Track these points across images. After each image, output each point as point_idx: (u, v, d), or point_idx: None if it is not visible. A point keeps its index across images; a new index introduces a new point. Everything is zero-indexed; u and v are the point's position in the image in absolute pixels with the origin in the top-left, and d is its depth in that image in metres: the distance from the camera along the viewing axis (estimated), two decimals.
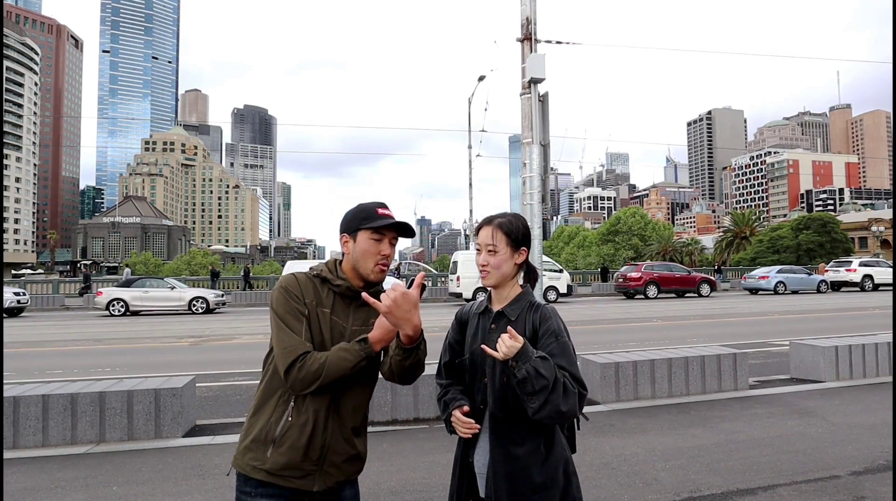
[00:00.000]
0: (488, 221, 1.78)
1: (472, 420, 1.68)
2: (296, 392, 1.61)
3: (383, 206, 1.77)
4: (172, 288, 19.89)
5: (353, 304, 1.74)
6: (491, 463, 1.64)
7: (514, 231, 1.75)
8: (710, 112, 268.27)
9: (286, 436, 1.61)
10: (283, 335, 1.60)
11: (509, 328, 1.55)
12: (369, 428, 4.99)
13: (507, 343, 1.52)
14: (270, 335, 1.68)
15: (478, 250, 1.79)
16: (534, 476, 1.59)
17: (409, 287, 1.57)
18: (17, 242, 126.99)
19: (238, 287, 29.20)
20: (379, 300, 1.55)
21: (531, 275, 1.84)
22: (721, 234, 65.51)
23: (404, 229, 1.75)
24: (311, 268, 1.77)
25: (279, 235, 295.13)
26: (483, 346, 1.62)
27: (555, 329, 1.65)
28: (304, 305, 1.65)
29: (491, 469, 1.64)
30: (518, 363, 1.51)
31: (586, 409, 5.31)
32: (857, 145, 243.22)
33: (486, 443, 1.68)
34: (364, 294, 1.62)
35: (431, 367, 5.76)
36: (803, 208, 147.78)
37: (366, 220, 1.72)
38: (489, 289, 1.81)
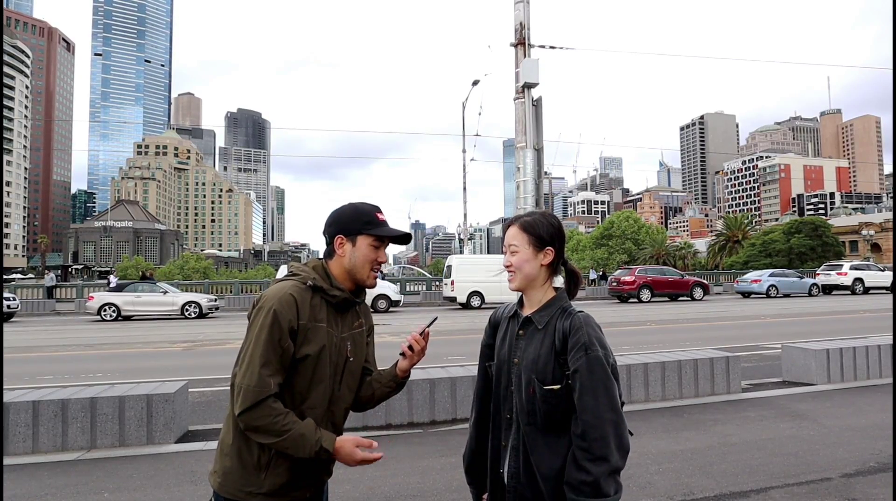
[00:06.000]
0: (513, 220, 1.69)
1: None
2: (242, 428, 1.50)
3: (380, 210, 1.73)
4: (165, 292, 19.78)
5: (340, 312, 1.68)
6: (522, 476, 1.57)
7: (538, 229, 1.64)
8: (702, 117, 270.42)
9: (280, 457, 1.53)
10: (253, 369, 1.50)
11: None
12: (363, 433, 4.99)
13: None
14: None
15: (504, 251, 1.74)
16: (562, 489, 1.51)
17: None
18: (7, 246, 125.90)
19: (232, 291, 29.02)
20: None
21: (572, 278, 1.68)
22: (714, 238, 65.97)
23: (404, 239, 1.74)
24: (293, 273, 1.66)
25: (273, 239, 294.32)
26: None
27: (585, 342, 1.49)
28: (290, 336, 1.54)
29: (522, 480, 1.57)
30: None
31: None
32: (848, 150, 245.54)
33: (516, 455, 1.60)
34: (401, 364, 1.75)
35: (430, 370, 5.78)
36: (795, 212, 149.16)
37: (368, 225, 1.67)
38: (520, 293, 1.72)
